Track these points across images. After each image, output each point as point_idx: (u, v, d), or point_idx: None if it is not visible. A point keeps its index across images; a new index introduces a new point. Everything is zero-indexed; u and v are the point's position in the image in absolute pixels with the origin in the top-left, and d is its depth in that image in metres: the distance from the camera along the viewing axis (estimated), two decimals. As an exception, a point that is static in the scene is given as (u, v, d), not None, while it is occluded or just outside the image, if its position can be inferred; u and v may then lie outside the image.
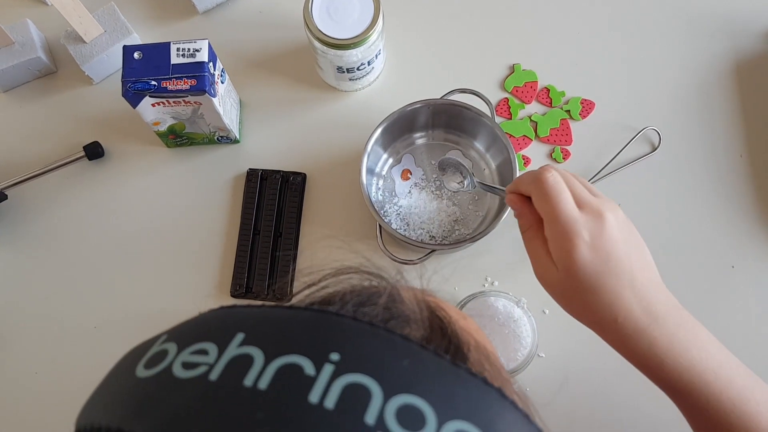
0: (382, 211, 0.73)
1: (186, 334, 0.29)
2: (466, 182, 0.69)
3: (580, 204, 0.47)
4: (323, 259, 0.73)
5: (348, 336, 0.27)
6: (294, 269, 0.73)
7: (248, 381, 0.24)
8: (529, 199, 0.50)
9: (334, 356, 0.25)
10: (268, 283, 0.72)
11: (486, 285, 0.72)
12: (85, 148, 0.75)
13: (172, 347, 0.27)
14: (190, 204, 0.76)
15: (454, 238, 0.73)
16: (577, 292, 0.46)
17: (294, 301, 0.32)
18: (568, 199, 0.47)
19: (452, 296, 0.71)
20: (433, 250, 0.67)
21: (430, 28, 0.81)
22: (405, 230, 0.73)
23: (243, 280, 0.72)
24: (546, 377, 0.69)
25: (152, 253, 0.74)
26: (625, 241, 0.47)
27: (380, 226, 0.68)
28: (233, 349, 0.26)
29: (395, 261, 0.67)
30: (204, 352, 0.26)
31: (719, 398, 0.46)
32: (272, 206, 0.74)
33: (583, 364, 0.69)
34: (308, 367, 0.25)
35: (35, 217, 0.76)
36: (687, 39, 0.80)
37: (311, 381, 0.24)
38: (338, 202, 0.75)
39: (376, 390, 0.24)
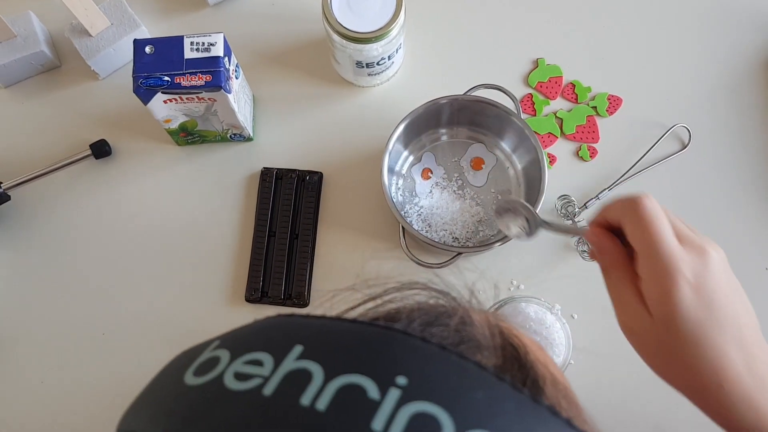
0: (402, 212, 0.70)
1: (240, 341, 0.27)
2: (530, 227, 0.57)
3: (680, 238, 0.40)
4: (342, 263, 0.70)
5: (417, 358, 0.24)
6: (311, 273, 0.70)
7: (305, 400, 0.22)
8: (613, 232, 0.44)
9: (401, 380, 0.23)
10: (285, 288, 0.69)
11: (512, 289, 0.69)
12: (91, 146, 0.72)
13: (224, 355, 0.26)
14: (202, 205, 0.73)
15: (478, 240, 0.70)
16: (675, 345, 0.39)
17: (354, 314, 0.30)
18: (669, 229, 0.40)
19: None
20: (460, 253, 0.64)
21: (450, 21, 0.78)
22: (427, 232, 0.70)
23: (258, 285, 0.69)
24: (574, 385, 0.66)
25: (163, 256, 0.71)
26: (729, 286, 0.40)
27: (403, 228, 0.65)
28: (290, 363, 0.24)
29: (420, 265, 0.64)
30: (258, 363, 0.24)
31: None
32: (288, 207, 0.71)
33: (615, 371, 0.66)
34: (372, 390, 0.23)
35: (39, 218, 0.72)
36: (717, 32, 0.77)
37: (375, 406, 0.22)
38: (356, 203, 0.72)
39: (447, 422, 0.22)
